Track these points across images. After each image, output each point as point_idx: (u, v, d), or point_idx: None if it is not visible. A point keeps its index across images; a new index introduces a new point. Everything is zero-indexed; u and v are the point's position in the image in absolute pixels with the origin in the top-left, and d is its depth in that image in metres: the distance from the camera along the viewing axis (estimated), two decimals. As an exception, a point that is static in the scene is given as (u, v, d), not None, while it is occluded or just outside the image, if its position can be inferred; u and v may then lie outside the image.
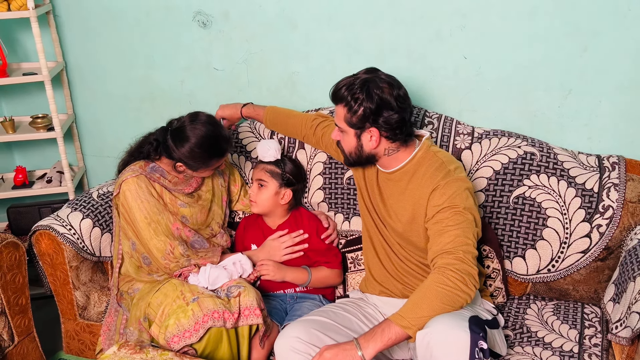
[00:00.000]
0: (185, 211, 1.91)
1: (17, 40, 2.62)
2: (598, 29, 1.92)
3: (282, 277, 1.97)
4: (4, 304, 1.91)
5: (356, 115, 1.62)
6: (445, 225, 1.56)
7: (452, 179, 1.61)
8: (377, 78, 1.63)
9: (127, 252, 1.90)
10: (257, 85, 2.38)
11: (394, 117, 1.61)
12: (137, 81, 2.56)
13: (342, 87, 1.65)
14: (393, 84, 1.64)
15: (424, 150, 1.70)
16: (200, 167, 1.85)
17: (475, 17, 2.03)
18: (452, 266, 1.48)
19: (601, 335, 1.75)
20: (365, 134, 1.64)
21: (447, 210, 1.57)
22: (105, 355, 1.60)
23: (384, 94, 1.60)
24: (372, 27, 2.15)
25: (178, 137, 1.82)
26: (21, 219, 2.50)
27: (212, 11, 2.33)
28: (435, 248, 1.55)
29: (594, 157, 1.97)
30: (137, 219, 1.82)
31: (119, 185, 1.85)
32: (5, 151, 2.84)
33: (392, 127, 1.62)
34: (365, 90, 1.60)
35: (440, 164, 1.66)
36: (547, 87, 2.04)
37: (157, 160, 1.92)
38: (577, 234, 1.88)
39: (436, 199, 1.59)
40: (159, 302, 1.74)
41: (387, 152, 1.68)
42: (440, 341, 1.41)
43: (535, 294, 2.00)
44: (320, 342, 1.60)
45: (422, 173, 1.66)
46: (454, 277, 1.47)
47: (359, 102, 1.61)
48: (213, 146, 1.83)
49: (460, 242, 1.52)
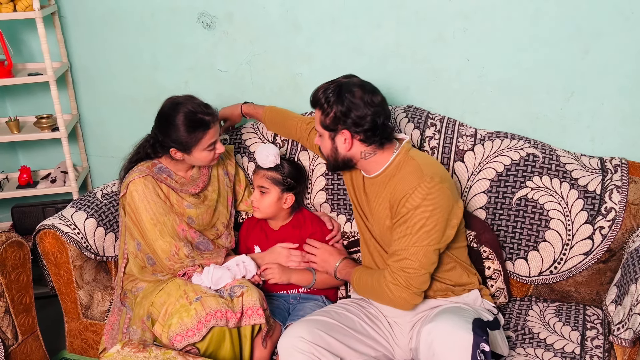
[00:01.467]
0: (192, 212, 1.92)
1: (22, 40, 2.64)
2: (600, 31, 1.93)
3: (287, 280, 1.97)
4: (8, 303, 1.92)
5: (329, 117, 1.67)
6: (402, 236, 1.62)
7: (422, 185, 1.60)
8: (351, 82, 1.68)
9: (132, 252, 1.91)
10: (260, 87, 2.39)
11: (364, 120, 1.63)
12: (141, 82, 2.57)
13: (318, 92, 1.71)
14: (365, 88, 1.67)
15: (402, 155, 1.70)
16: (191, 145, 1.81)
17: (478, 19, 2.03)
18: (393, 289, 1.63)
19: (603, 337, 1.75)
20: (339, 137, 1.68)
21: (409, 223, 1.60)
22: (109, 354, 1.61)
23: (355, 97, 1.64)
24: (375, 29, 2.16)
25: (160, 122, 1.84)
26: (25, 218, 2.51)
27: (216, 12, 2.34)
28: (390, 255, 1.66)
29: (597, 159, 1.97)
30: (143, 220, 1.83)
31: (126, 186, 1.86)
32: (10, 151, 2.86)
33: (364, 129, 1.64)
34: (336, 93, 1.65)
35: (416, 168, 1.65)
36: (550, 89, 2.04)
37: (158, 158, 1.92)
38: (580, 235, 1.88)
39: (406, 205, 1.61)
40: (162, 302, 1.74)
41: (363, 155, 1.70)
42: (443, 340, 1.44)
43: (537, 295, 2.00)
44: (323, 342, 1.61)
45: (399, 178, 1.67)
46: (392, 301, 1.66)
47: (330, 105, 1.65)
48: (192, 118, 1.79)
49: (408, 265, 1.60)
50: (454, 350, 1.44)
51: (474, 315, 1.58)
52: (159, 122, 1.85)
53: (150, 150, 1.91)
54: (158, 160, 1.92)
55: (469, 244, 1.88)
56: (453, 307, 1.66)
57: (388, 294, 1.64)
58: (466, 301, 1.72)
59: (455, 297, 1.73)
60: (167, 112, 1.83)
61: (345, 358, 1.66)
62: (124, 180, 1.90)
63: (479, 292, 1.76)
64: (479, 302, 1.74)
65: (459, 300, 1.72)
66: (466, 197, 2.00)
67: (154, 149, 1.90)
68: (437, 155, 2.03)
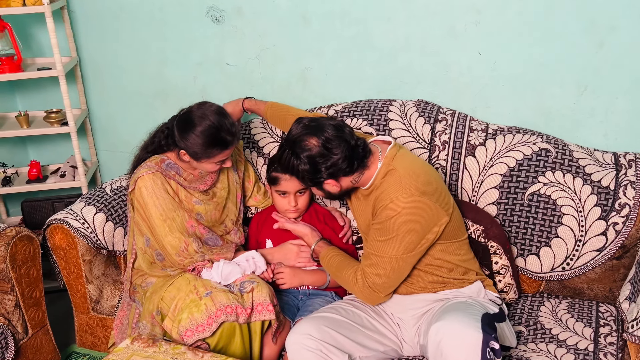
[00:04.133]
0: (200, 208, 1.91)
1: (31, 35, 2.64)
2: (614, 24, 1.90)
3: (300, 283, 1.95)
4: (19, 297, 1.92)
5: (305, 179, 1.68)
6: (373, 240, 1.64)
7: (400, 197, 1.58)
8: (299, 135, 1.63)
9: (140, 248, 1.90)
10: (269, 81, 2.38)
11: (336, 164, 1.62)
12: (150, 77, 2.57)
13: (279, 164, 1.75)
14: (315, 131, 1.62)
15: (385, 165, 1.67)
16: (202, 157, 1.80)
17: (490, 12, 2.01)
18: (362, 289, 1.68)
19: (616, 334, 1.73)
20: (325, 185, 1.69)
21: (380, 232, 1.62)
22: (118, 349, 1.61)
23: (312, 152, 1.61)
24: (385, 22, 2.14)
25: (183, 123, 1.80)
26: (35, 213, 2.52)
27: (225, 7, 2.33)
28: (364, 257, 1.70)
29: (610, 155, 1.95)
30: (152, 216, 1.82)
31: (134, 181, 1.85)
32: (19, 146, 2.86)
33: (340, 167, 1.63)
34: (295, 157, 1.64)
35: (396, 180, 1.62)
36: (563, 83, 2.02)
37: (168, 151, 1.91)
38: (593, 231, 1.86)
39: (381, 215, 1.62)
40: (172, 296, 1.74)
41: (353, 181, 1.70)
42: (451, 340, 1.42)
43: (549, 292, 1.98)
44: (331, 339, 1.61)
45: (382, 188, 1.65)
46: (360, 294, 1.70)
47: (297, 171, 1.66)
48: (214, 136, 1.77)
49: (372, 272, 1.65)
50: (462, 350, 1.42)
51: (481, 310, 1.56)
52: (181, 123, 1.81)
53: (164, 142, 1.90)
54: (167, 156, 1.91)
55: (477, 239, 1.86)
56: (459, 302, 1.64)
57: (355, 288, 1.70)
58: (469, 294, 1.71)
59: (456, 290, 1.71)
60: (193, 118, 1.79)
61: (354, 354, 1.65)
62: (132, 176, 1.90)
63: (481, 283, 1.74)
64: (483, 293, 1.72)
65: (462, 293, 1.71)
66: (477, 192, 1.98)
67: (167, 141, 1.89)
68: (448, 150, 2.01)
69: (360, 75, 2.26)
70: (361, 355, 1.67)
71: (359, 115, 2.11)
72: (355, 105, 2.16)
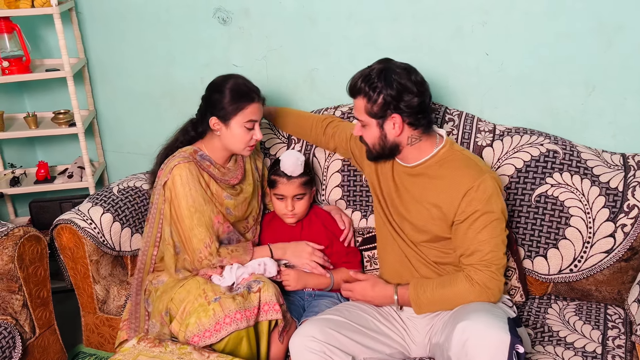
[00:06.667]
0: (230, 203, 1.90)
1: (40, 36, 2.66)
2: (623, 24, 1.89)
3: (304, 286, 1.95)
4: (26, 297, 1.93)
5: (377, 104, 1.63)
6: (480, 231, 1.60)
7: (485, 177, 1.62)
8: (393, 65, 1.65)
9: (165, 238, 1.86)
10: (276, 82, 2.38)
11: (415, 101, 1.62)
12: (157, 78, 2.58)
13: (358, 80, 1.66)
14: (410, 70, 1.65)
15: (447, 148, 1.69)
16: (231, 114, 1.81)
17: (498, 12, 2.00)
18: (487, 283, 1.59)
19: (625, 337, 1.72)
20: (388, 122, 1.65)
21: (484, 218, 1.60)
22: (125, 349, 1.61)
23: (402, 78, 1.61)
24: (392, 23, 2.14)
25: (211, 89, 1.88)
26: (43, 213, 2.53)
27: (232, 8, 2.33)
28: (470, 255, 1.62)
29: (619, 156, 1.93)
30: (181, 206, 1.79)
31: (170, 170, 1.80)
32: (27, 146, 2.88)
33: (414, 111, 1.62)
34: (383, 78, 1.62)
35: (469, 161, 1.66)
36: (571, 83, 2.00)
37: (198, 141, 1.92)
38: (601, 233, 1.84)
39: (473, 203, 1.60)
40: (181, 298, 1.74)
41: (410, 140, 1.67)
42: (478, 340, 1.40)
43: (557, 294, 1.97)
44: (335, 341, 1.60)
45: (450, 170, 1.65)
46: (483, 296, 1.59)
47: (378, 91, 1.62)
48: (240, 88, 1.84)
49: (495, 256, 1.60)
50: (489, 351, 1.39)
51: (504, 313, 1.55)
52: (208, 91, 1.89)
53: (191, 128, 1.92)
54: (198, 147, 1.90)
55: None
56: (482, 304, 1.61)
57: (475, 292, 1.60)
58: None
59: None
60: (218, 80, 1.88)
61: (358, 356, 1.64)
62: (164, 166, 1.84)
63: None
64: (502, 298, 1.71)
65: None
66: (484, 193, 1.97)
67: (195, 126, 1.91)
68: (455, 151, 2.00)
69: (367, 76, 2.25)
70: (366, 357, 1.66)
71: (365, 116, 2.11)
72: (362, 106, 2.16)
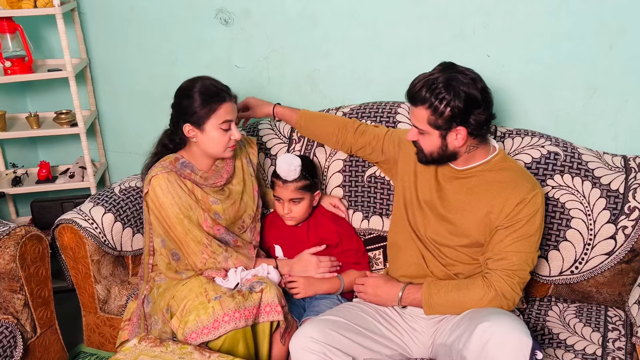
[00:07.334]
0: (218, 208, 1.87)
1: (42, 37, 2.66)
2: (625, 26, 1.89)
3: (314, 293, 1.93)
4: (28, 296, 1.94)
5: (443, 117, 1.55)
6: (516, 241, 1.60)
7: (538, 192, 1.62)
8: (460, 74, 1.55)
9: (157, 249, 1.87)
10: (277, 83, 2.39)
11: (483, 115, 1.56)
12: (159, 78, 2.58)
13: (421, 88, 1.56)
14: (476, 78, 1.56)
15: (500, 156, 1.67)
16: (205, 118, 1.77)
17: (499, 14, 2.00)
18: (505, 293, 1.60)
19: (625, 339, 1.72)
20: (451, 134, 1.59)
21: (524, 229, 1.60)
22: (126, 348, 1.61)
23: (470, 89, 1.53)
24: (394, 24, 2.14)
25: (177, 97, 1.84)
26: (44, 213, 2.54)
27: (234, 9, 2.34)
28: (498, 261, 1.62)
29: (620, 158, 1.93)
30: (169, 215, 1.78)
31: (148, 182, 1.80)
32: (29, 146, 2.89)
33: (481, 124, 1.57)
34: (451, 89, 1.53)
35: (525, 172, 1.66)
36: (572, 85, 2.00)
37: (179, 151, 1.89)
38: (602, 235, 1.84)
39: (522, 213, 1.60)
40: (182, 296, 1.74)
41: (468, 149, 1.63)
42: (500, 342, 1.40)
43: (557, 295, 1.97)
44: (335, 342, 1.60)
45: (507, 177, 1.64)
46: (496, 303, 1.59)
47: (445, 103, 1.53)
48: (208, 88, 1.79)
49: (521, 269, 1.61)
50: (511, 354, 1.38)
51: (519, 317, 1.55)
52: (176, 98, 1.84)
53: (168, 141, 1.89)
54: (180, 155, 1.89)
55: None
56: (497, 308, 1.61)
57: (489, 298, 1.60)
58: None
59: None
60: (185, 85, 1.85)
61: (358, 357, 1.64)
62: (145, 177, 1.87)
63: None
64: None
65: None
66: (485, 195, 1.97)
67: (171, 137, 1.88)
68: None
69: (369, 77, 2.26)
70: (366, 358, 1.65)
71: (367, 117, 2.11)
72: (364, 107, 2.16)
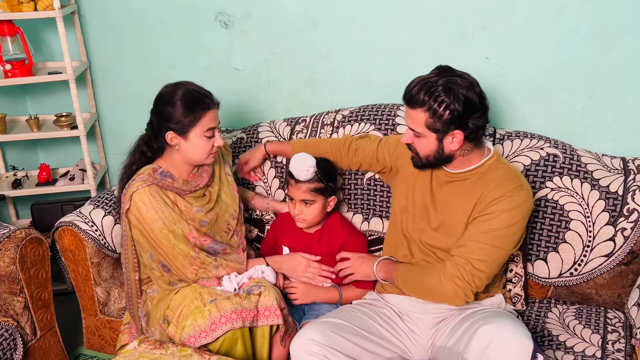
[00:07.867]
0: (202, 216, 1.83)
1: (42, 39, 2.67)
2: (624, 28, 1.89)
3: (312, 300, 1.93)
4: (28, 299, 1.94)
5: (441, 120, 1.54)
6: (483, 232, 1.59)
7: (521, 193, 1.60)
8: (458, 77, 1.55)
9: (146, 264, 1.82)
10: (277, 85, 2.39)
11: (481, 118, 1.56)
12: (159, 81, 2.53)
13: (420, 91, 1.55)
14: (473, 82, 1.56)
15: (494, 159, 1.67)
16: (189, 125, 1.71)
17: (499, 17, 2.01)
18: (457, 279, 1.60)
19: (624, 341, 1.72)
20: (448, 137, 1.58)
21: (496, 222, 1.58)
22: (126, 351, 1.61)
23: (470, 93, 1.53)
24: (393, 26, 2.15)
25: (158, 103, 1.77)
26: (44, 215, 2.54)
27: (234, 11, 2.34)
28: (459, 247, 1.62)
29: (619, 160, 1.94)
30: (154, 230, 1.72)
31: (129, 198, 1.72)
32: (29, 149, 2.89)
33: (478, 128, 1.56)
34: (451, 93, 1.52)
35: (512, 173, 1.64)
36: (571, 87, 2.01)
37: (157, 159, 1.82)
38: (601, 237, 1.85)
39: (496, 206, 1.59)
40: (177, 304, 1.73)
41: (462, 152, 1.62)
42: (502, 345, 1.40)
43: (557, 297, 1.97)
44: (336, 344, 1.60)
45: (492, 178, 1.63)
46: (452, 287, 1.60)
47: (444, 105, 1.52)
48: (192, 95, 1.73)
49: (478, 257, 1.59)
50: (512, 357, 1.38)
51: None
52: (157, 105, 1.77)
53: (146, 148, 1.80)
54: (158, 164, 1.81)
55: None
56: (497, 310, 1.61)
57: (441, 287, 1.60)
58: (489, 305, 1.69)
59: (476, 302, 1.69)
60: (166, 91, 1.76)
61: (359, 359, 1.64)
62: (125, 192, 1.76)
63: (502, 295, 1.74)
64: (503, 305, 1.72)
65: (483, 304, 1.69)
66: (485, 197, 1.97)
67: (149, 144, 1.79)
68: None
69: (369, 79, 2.26)
70: (367, 359, 1.66)
71: (366, 119, 2.12)
72: (363, 109, 2.16)
